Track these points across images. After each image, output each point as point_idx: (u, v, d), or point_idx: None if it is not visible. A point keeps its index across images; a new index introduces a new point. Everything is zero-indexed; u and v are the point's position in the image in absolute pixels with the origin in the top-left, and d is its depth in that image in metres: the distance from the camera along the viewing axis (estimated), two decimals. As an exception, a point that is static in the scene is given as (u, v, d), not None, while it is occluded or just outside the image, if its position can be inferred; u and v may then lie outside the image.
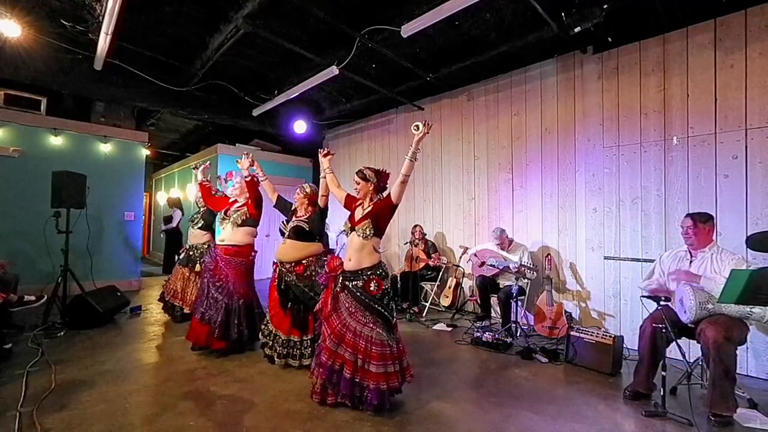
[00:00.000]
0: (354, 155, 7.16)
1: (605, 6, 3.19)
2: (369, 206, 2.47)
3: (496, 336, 3.69)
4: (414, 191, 6.02)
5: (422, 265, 5.12)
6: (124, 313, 4.67)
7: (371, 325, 2.31)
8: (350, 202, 2.62)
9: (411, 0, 3.51)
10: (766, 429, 2.28)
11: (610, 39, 3.79)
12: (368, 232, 2.35)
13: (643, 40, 3.74)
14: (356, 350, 2.29)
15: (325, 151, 2.88)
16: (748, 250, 2.92)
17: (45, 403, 2.40)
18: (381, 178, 2.53)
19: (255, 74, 5.31)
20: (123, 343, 3.67)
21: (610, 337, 3.12)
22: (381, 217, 2.40)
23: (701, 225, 2.65)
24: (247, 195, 3.42)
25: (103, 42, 3.84)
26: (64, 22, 3.91)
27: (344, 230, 2.50)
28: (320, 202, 3.16)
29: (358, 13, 3.77)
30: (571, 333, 3.33)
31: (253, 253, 3.50)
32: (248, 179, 3.33)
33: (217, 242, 3.46)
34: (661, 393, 2.39)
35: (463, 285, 5.18)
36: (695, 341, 2.55)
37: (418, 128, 2.27)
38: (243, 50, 4.52)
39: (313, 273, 3.07)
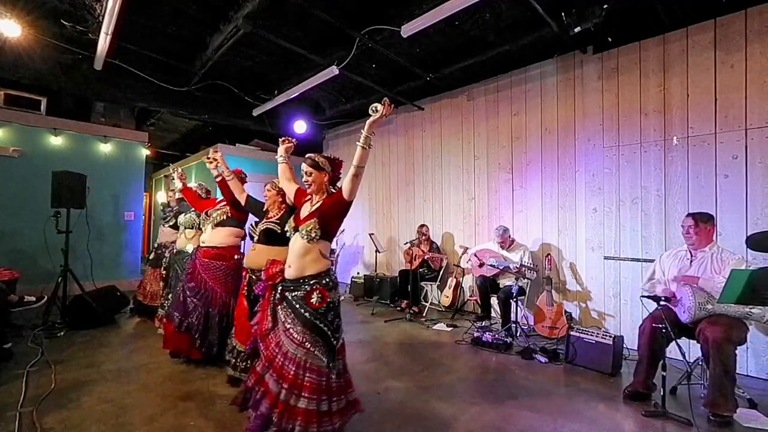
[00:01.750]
0: (354, 155, 7.13)
1: (605, 6, 3.18)
2: (319, 202, 2.05)
3: (496, 336, 3.69)
4: (414, 191, 6.02)
5: (419, 261, 5.13)
6: (124, 313, 4.67)
7: (308, 345, 1.83)
8: (300, 198, 2.19)
9: (411, 0, 3.51)
10: (766, 429, 2.28)
11: (610, 39, 3.79)
12: (314, 234, 1.90)
13: (643, 40, 3.74)
14: (282, 378, 1.81)
15: (284, 138, 2.45)
16: (748, 250, 2.92)
17: (45, 403, 2.40)
18: (335, 166, 2.14)
19: (255, 74, 5.31)
20: (123, 343, 3.67)
21: (610, 337, 3.12)
22: (331, 216, 1.97)
23: (702, 225, 2.66)
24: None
25: (103, 42, 3.84)
26: (64, 22, 3.90)
27: (287, 230, 2.09)
28: (288, 200, 2.76)
29: (358, 13, 3.77)
30: (571, 333, 3.33)
31: (237, 257, 3.18)
32: (219, 180, 3.09)
33: (200, 244, 3.25)
34: (661, 393, 2.39)
35: (463, 285, 5.18)
36: (695, 341, 2.55)
37: (376, 110, 1.82)
38: (243, 50, 4.52)
39: None
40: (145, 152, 6.60)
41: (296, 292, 1.93)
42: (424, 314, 4.87)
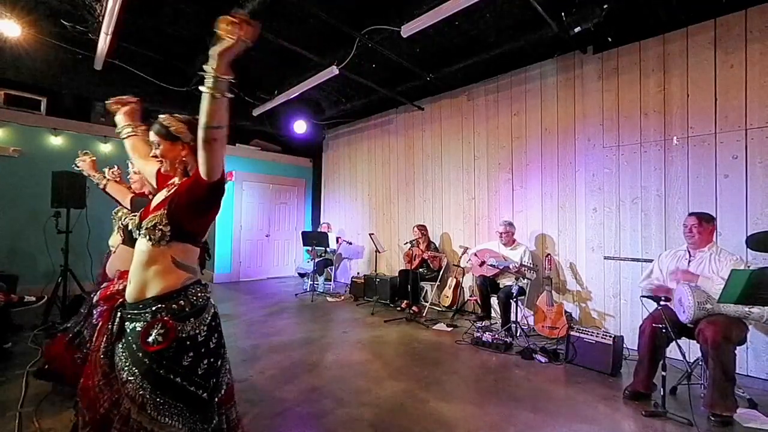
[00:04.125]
0: (354, 155, 7.16)
1: (605, 6, 3.18)
2: (176, 187, 1.42)
3: (496, 336, 3.69)
4: (414, 191, 6.02)
5: (419, 261, 5.13)
6: (124, 313, 4.67)
7: (149, 409, 1.22)
8: (163, 183, 1.54)
9: (411, 0, 3.51)
10: (766, 429, 2.28)
11: (610, 39, 3.79)
12: (159, 233, 1.28)
13: (643, 40, 3.74)
14: None
15: (113, 100, 1.72)
16: (748, 250, 2.92)
17: (45, 403, 2.39)
18: None
19: (255, 74, 5.31)
20: (123, 343, 3.66)
21: (610, 337, 3.12)
22: (186, 205, 1.31)
23: (705, 224, 2.68)
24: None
25: (103, 42, 3.84)
26: (64, 22, 3.90)
27: (132, 229, 1.40)
28: (135, 187, 1.95)
29: (358, 13, 3.77)
30: (571, 333, 3.33)
31: None
32: (101, 187, 2.71)
33: (109, 248, 2.84)
34: (661, 393, 2.39)
35: (463, 285, 5.18)
36: (695, 341, 2.55)
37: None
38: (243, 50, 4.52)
39: None
40: (145, 152, 6.60)
41: (135, 323, 1.30)
42: (423, 314, 4.87)
